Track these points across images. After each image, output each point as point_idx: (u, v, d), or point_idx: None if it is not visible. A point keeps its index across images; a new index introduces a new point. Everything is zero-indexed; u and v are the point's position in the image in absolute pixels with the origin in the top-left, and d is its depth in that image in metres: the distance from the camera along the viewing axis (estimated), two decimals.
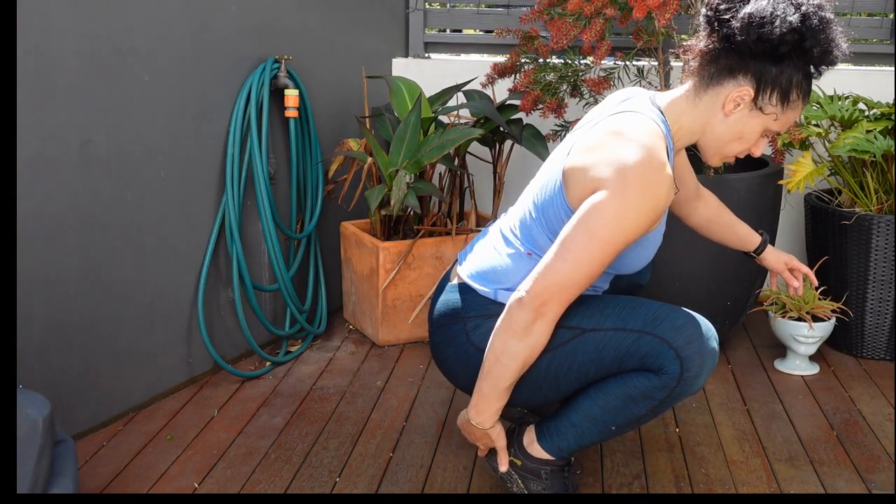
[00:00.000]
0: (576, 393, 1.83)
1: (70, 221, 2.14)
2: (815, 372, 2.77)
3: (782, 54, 1.63)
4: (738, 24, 1.62)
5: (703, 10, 1.70)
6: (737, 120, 1.70)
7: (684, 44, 1.77)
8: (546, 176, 1.79)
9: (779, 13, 1.59)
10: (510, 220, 1.87)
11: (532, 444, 1.90)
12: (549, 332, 1.70)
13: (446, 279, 1.95)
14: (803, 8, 1.61)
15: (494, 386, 1.74)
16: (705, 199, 2.19)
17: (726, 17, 1.64)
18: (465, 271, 1.87)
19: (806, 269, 2.18)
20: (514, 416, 2.05)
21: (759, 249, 2.18)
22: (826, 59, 1.65)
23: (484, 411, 1.79)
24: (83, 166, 2.15)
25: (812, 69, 1.69)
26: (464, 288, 1.85)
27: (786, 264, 2.18)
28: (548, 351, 1.75)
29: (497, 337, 1.71)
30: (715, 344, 1.73)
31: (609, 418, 1.79)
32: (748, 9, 1.62)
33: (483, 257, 1.86)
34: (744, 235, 2.19)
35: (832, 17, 1.64)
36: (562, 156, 1.76)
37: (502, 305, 1.78)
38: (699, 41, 1.71)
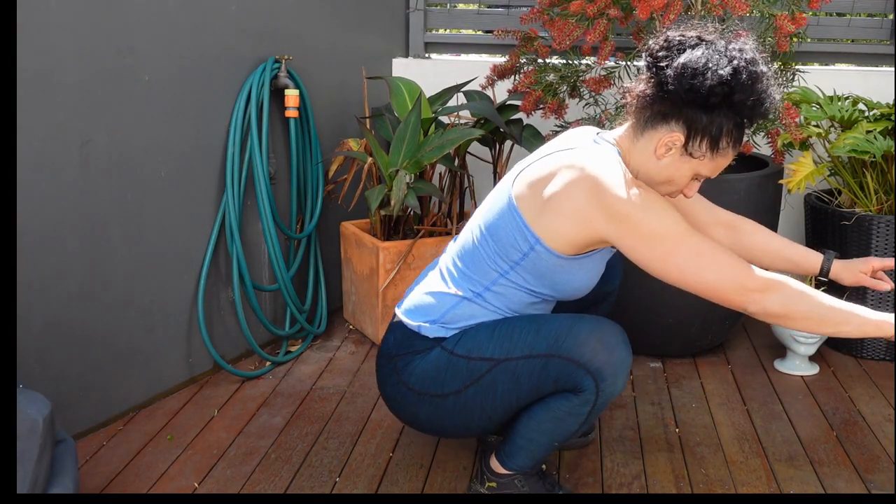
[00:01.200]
0: (513, 419, 1.87)
1: (70, 221, 2.14)
2: (815, 372, 2.77)
3: (713, 104, 1.66)
4: (672, 73, 1.65)
5: (644, 55, 1.74)
6: (668, 164, 1.73)
7: (626, 85, 1.80)
8: (494, 200, 1.83)
9: (711, 65, 1.63)
10: (449, 255, 1.92)
11: (498, 467, 1.95)
12: (769, 278, 1.68)
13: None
14: (735, 62, 1.63)
15: (833, 328, 1.70)
16: (740, 229, 2.10)
17: (662, 64, 1.68)
18: (401, 309, 1.93)
19: (889, 261, 2.01)
20: (491, 446, 2.10)
21: (825, 270, 2.03)
22: (756, 111, 1.68)
23: (877, 328, 1.70)
24: (83, 166, 2.15)
25: (744, 119, 1.71)
26: (396, 326, 1.91)
27: (864, 273, 2.01)
28: (470, 384, 1.80)
29: (781, 319, 1.70)
30: (623, 346, 1.75)
31: (547, 438, 1.84)
32: (682, 59, 1.65)
33: (417, 294, 1.92)
34: (799, 260, 2.06)
35: (765, 70, 1.67)
36: (509, 183, 1.81)
37: (426, 339, 1.84)
38: (638, 84, 1.75)
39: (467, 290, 1.83)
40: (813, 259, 2.04)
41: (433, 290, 1.88)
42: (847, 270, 2.02)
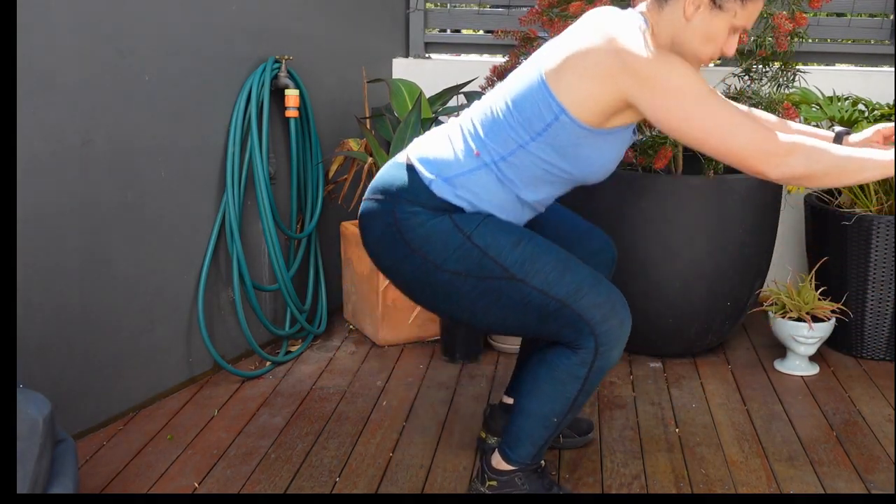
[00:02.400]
0: (508, 409, 1.87)
1: (70, 221, 2.14)
2: (815, 372, 2.77)
3: None
4: None
5: None
6: (700, 23, 1.72)
7: None
8: (520, 74, 1.80)
9: None
10: (471, 116, 1.86)
11: (500, 463, 1.94)
12: (790, 141, 1.66)
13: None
14: None
15: (854, 175, 1.70)
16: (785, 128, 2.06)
17: None
18: (413, 153, 1.86)
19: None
20: (491, 447, 2.11)
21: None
22: None
23: (870, 171, 1.70)
24: (83, 166, 2.15)
25: None
26: (408, 168, 1.84)
27: (874, 141, 1.98)
28: (474, 277, 1.77)
29: (806, 179, 1.69)
30: (629, 322, 1.79)
31: (546, 409, 1.84)
32: None
33: (434, 144, 1.86)
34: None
35: None
36: (540, 59, 1.78)
37: (434, 196, 1.78)
38: None
39: (485, 154, 1.78)
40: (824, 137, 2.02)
41: (452, 144, 1.82)
42: (860, 142, 2.00)
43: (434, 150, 1.83)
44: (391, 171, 1.85)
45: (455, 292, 1.80)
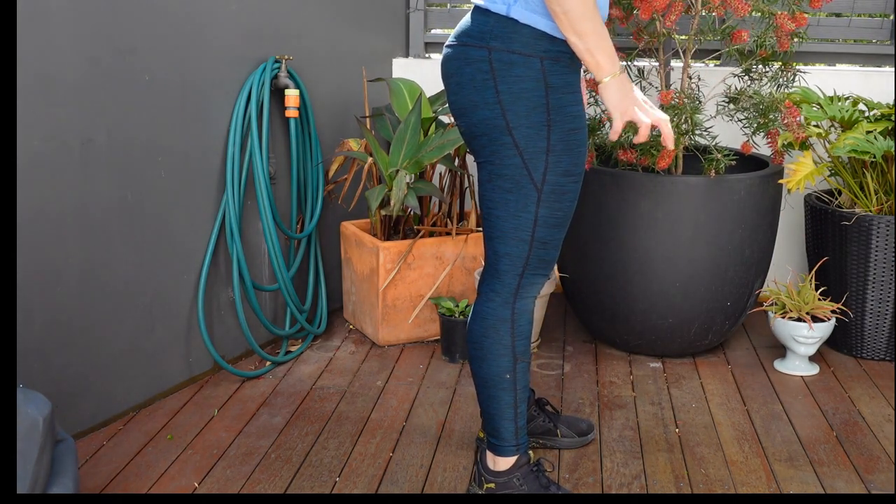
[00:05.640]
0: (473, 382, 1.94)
1: (70, 221, 2.14)
2: (815, 372, 2.77)
3: None
4: None
5: None
6: None
7: None
8: None
9: None
10: None
11: (494, 462, 1.95)
12: None
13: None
14: None
15: (593, 30, 1.67)
16: None
17: None
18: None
19: None
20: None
21: None
22: None
23: (606, 57, 1.70)
24: (83, 166, 2.15)
25: None
26: (481, 11, 1.79)
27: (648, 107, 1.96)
28: (522, 158, 1.77)
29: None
30: (550, 272, 1.91)
31: (494, 365, 1.89)
32: None
33: None
34: None
35: None
36: None
37: (518, 25, 1.73)
38: None
39: None
40: None
41: None
42: None
43: None
44: (472, 20, 1.80)
45: (495, 155, 1.79)
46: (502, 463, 1.94)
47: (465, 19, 1.83)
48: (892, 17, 3.29)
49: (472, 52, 1.77)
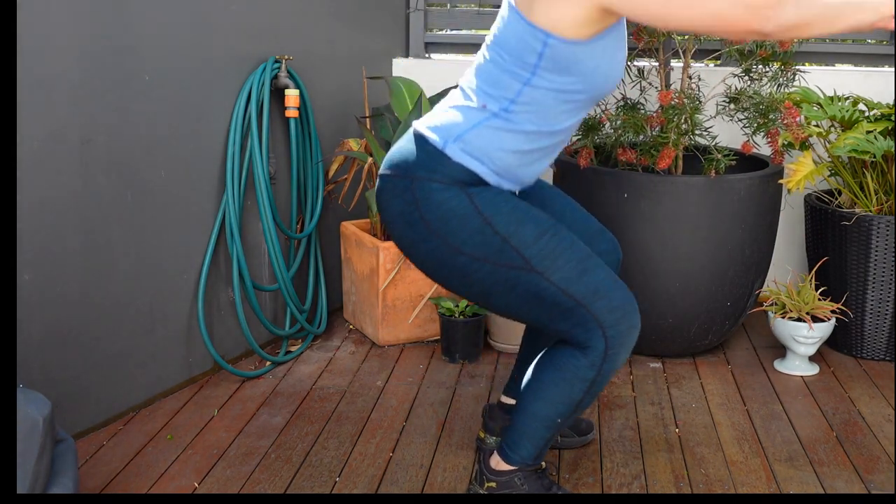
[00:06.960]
0: (519, 401, 1.89)
1: (70, 221, 2.14)
2: (815, 372, 2.77)
3: None
4: None
5: None
6: None
7: None
8: (500, 18, 1.77)
9: None
10: (467, 76, 1.84)
11: (499, 464, 1.94)
12: None
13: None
14: None
15: (849, 17, 1.60)
16: None
17: None
18: (421, 123, 1.84)
19: None
20: (490, 447, 2.11)
21: None
22: None
23: (854, 13, 1.60)
24: (83, 166, 2.15)
25: None
26: (417, 137, 1.82)
27: None
28: (491, 263, 1.76)
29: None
30: (638, 322, 1.81)
31: (551, 410, 1.84)
32: None
33: (439, 111, 1.84)
34: None
35: None
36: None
37: (448, 160, 1.75)
38: None
39: (492, 104, 1.76)
40: None
41: (456, 105, 1.80)
42: None
43: (441, 117, 1.81)
44: (405, 145, 1.83)
45: (472, 275, 1.79)
46: (507, 467, 1.94)
47: (401, 141, 1.84)
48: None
49: (397, 183, 1.80)
